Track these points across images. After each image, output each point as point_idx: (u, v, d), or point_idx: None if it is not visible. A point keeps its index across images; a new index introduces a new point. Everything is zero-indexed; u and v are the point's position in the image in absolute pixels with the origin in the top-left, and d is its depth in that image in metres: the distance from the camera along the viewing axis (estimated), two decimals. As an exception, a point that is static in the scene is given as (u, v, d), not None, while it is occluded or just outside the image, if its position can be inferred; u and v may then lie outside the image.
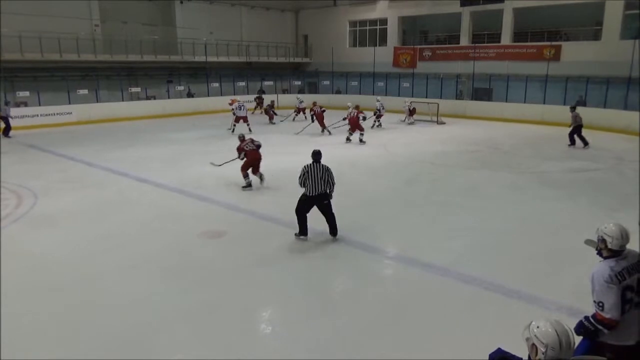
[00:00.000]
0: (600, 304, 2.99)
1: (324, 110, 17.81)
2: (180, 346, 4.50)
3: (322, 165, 7.01)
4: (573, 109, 15.28)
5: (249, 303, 5.34)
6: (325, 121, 17.68)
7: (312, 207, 6.97)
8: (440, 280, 5.88)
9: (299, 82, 30.07)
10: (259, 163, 10.04)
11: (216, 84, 25.15)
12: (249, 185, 9.95)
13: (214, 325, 4.83)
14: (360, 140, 15.51)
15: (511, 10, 22.66)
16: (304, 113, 20.86)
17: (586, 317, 3.11)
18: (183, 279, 5.88)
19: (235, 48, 26.89)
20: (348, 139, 15.74)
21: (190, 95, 25.24)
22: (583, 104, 19.97)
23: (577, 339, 2.88)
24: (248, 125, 17.69)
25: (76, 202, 9.03)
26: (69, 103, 20.07)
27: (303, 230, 7.05)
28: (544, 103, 20.41)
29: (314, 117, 17.91)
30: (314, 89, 29.78)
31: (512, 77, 22.12)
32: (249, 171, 9.98)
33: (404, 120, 20.58)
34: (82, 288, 5.62)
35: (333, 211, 7.01)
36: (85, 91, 20.29)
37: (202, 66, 25.17)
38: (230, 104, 18.88)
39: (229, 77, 25.60)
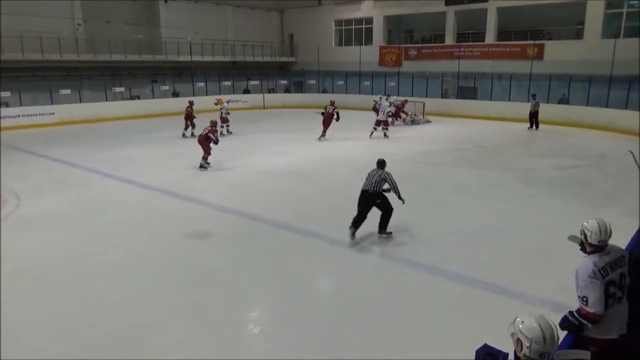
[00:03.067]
0: (585, 299, 3.03)
1: (332, 114, 15.69)
2: (170, 347, 4.47)
3: (379, 171, 7.17)
4: (534, 97, 18.62)
5: (236, 303, 5.32)
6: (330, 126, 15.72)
7: (366, 204, 7.05)
8: (428, 278, 5.92)
9: (285, 82, 30.01)
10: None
11: (202, 84, 24.95)
12: None
13: (202, 326, 4.80)
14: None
15: (495, 9, 22.87)
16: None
17: (570, 312, 3.14)
18: (171, 280, 5.83)
19: (220, 47, 26.73)
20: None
21: (175, 95, 25.01)
22: (566, 102, 20.25)
23: (562, 334, 2.92)
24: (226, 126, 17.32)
25: (61, 204, 8.89)
26: (51, 103, 19.75)
27: (354, 223, 7.01)
28: (528, 101, 20.61)
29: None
30: (300, 88, 29.75)
31: (497, 75, 22.33)
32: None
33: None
34: (70, 290, 5.56)
35: (389, 207, 7.12)
36: (68, 91, 19.96)
37: (187, 66, 24.96)
38: (216, 104, 18.71)
39: (214, 77, 25.43)
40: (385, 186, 7.07)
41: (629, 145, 13.98)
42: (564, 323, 3.13)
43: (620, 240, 4.55)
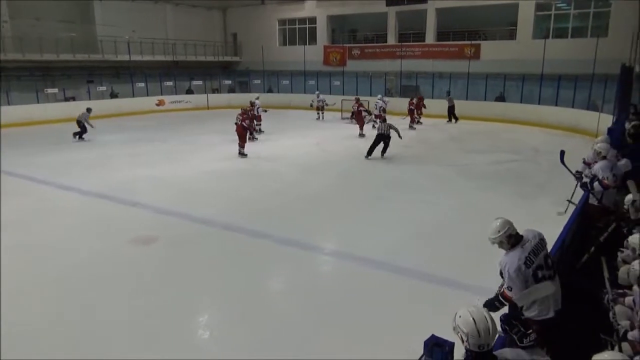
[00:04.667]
0: (510, 288, 3.30)
1: (360, 110, 17.24)
2: (117, 354, 4.30)
3: (387, 123, 12.99)
4: (448, 93, 20.78)
5: (185, 309, 5.17)
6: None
7: (380, 140, 12.65)
8: (377, 273, 6.01)
9: (230, 82, 29.57)
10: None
11: (142, 84, 24.10)
12: None
13: (150, 333, 4.64)
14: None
15: (434, 10, 23.59)
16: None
17: (496, 296, 3.45)
18: (115, 288, 5.59)
19: (160, 46, 25.92)
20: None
21: (113, 95, 24.03)
22: (502, 99, 21.22)
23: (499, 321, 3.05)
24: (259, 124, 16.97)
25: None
26: (-24, 106, 18.42)
27: (369, 152, 12.71)
28: (467, 99, 21.45)
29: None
30: (245, 88, 29.42)
31: (437, 74, 23.05)
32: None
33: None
34: (8, 303, 5.15)
35: (389, 145, 12.80)
36: (-6, 93, 18.70)
37: (126, 65, 24.03)
38: (158, 105, 18.17)
39: (155, 77, 24.64)
40: (391, 132, 12.68)
41: (559, 139, 14.91)
42: (491, 306, 3.38)
43: (553, 227, 4.82)
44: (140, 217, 8.20)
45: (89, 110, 16.24)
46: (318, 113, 21.19)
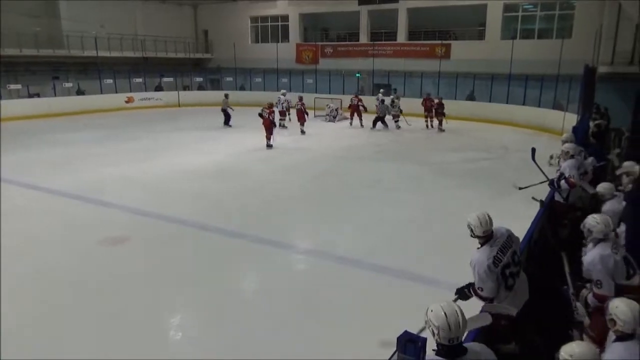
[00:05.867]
0: (480, 289, 3.36)
1: (358, 105, 18.48)
2: (88, 356, 4.21)
3: (384, 104, 17.43)
4: (395, 90, 21.22)
5: (157, 309, 5.10)
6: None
7: (379, 119, 17.46)
8: (353, 271, 6.05)
9: (201, 79, 29.17)
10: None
11: (110, 81, 23.50)
12: None
13: (123, 335, 4.57)
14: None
15: (405, 10, 23.84)
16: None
17: (468, 287, 3.47)
18: (85, 290, 5.46)
19: (129, 42, 25.35)
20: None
21: (80, 92, 23.36)
22: (473, 98, 21.61)
23: (469, 314, 3.12)
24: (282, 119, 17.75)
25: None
26: None
27: (374, 124, 17.56)
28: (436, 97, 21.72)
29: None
30: (216, 85, 29.09)
31: (409, 73, 23.30)
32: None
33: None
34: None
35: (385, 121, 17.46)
36: (-47, 89, 17.93)
37: (93, 61, 23.39)
38: (127, 102, 17.79)
39: (124, 73, 24.06)
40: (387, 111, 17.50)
41: (528, 138, 15.26)
42: (461, 293, 3.48)
43: (523, 224, 4.95)
44: (111, 218, 8.02)
45: (226, 95, 18.24)
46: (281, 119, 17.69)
